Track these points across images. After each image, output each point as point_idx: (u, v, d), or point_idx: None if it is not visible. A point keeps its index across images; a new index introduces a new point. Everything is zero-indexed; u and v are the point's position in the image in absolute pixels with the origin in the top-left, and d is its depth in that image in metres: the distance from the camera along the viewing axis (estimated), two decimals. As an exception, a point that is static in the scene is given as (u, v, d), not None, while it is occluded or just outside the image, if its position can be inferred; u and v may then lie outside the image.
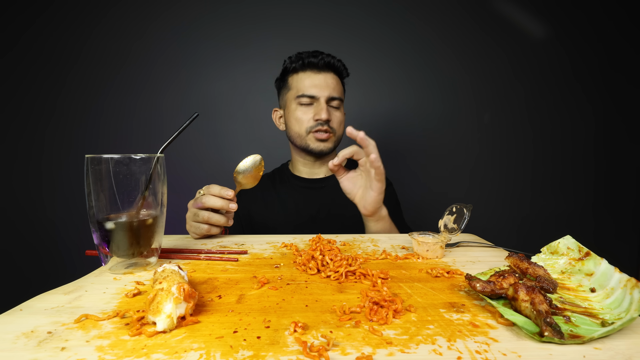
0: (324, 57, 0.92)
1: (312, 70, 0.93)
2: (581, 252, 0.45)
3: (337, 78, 0.96)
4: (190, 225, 0.68)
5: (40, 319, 0.32)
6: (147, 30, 1.42)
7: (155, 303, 0.31)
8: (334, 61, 0.94)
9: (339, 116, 0.96)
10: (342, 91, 0.98)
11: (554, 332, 0.28)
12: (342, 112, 0.98)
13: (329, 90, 0.92)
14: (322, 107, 0.91)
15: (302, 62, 0.93)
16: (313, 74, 0.93)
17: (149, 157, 0.46)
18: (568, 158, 1.54)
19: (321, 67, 0.93)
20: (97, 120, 1.44)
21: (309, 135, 0.94)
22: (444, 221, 0.59)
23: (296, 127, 0.95)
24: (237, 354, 0.27)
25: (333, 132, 0.96)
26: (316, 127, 0.93)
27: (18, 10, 1.39)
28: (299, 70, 0.94)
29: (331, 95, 0.93)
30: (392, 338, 0.29)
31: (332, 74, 0.94)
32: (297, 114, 0.94)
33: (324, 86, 0.92)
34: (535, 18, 1.46)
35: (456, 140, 1.52)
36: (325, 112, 0.91)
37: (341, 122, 0.97)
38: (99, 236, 0.44)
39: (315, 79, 0.92)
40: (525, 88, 1.50)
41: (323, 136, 0.93)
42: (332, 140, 0.97)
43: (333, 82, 0.94)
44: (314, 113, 0.93)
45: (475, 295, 0.39)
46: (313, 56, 0.92)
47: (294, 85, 0.95)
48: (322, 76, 0.93)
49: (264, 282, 0.42)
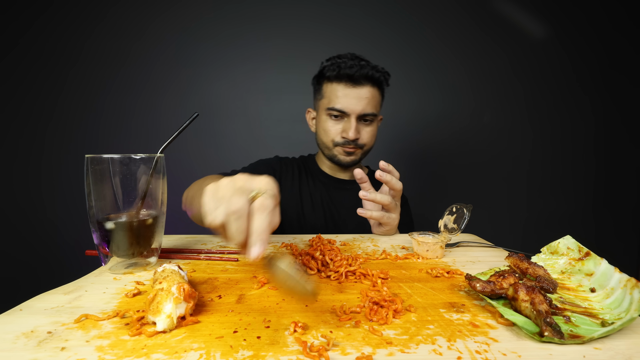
0: (361, 67, 0.84)
1: (347, 82, 0.85)
2: (581, 252, 0.45)
3: (376, 90, 0.88)
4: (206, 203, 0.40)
5: (40, 319, 0.32)
6: (147, 30, 1.42)
7: (155, 303, 0.31)
8: (372, 73, 0.85)
9: (370, 131, 0.91)
10: (378, 104, 0.91)
11: (554, 332, 0.28)
12: (376, 125, 0.92)
13: (362, 107, 0.85)
14: (352, 125, 0.86)
15: (337, 72, 0.86)
16: (347, 87, 0.85)
17: (149, 157, 0.46)
18: (568, 158, 1.54)
19: (357, 79, 0.85)
20: (97, 120, 1.44)
21: (336, 148, 0.91)
22: (444, 221, 0.59)
23: (324, 138, 0.92)
24: (237, 354, 0.27)
25: (361, 147, 0.92)
26: (343, 143, 0.89)
27: (18, 11, 1.39)
28: (334, 79, 0.87)
29: (364, 112, 0.86)
30: (392, 338, 0.29)
31: (370, 86, 0.86)
32: (326, 126, 0.90)
33: (357, 102, 0.85)
34: (535, 18, 1.46)
35: (456, 140, 1.52)
36: (354, 130, 0.86)
37: (372, 135, 0.92)
38: (99, 236, 0.44)
39: (349, 93, 0.85)
40: (525, 88, 1.50)
41: (350, 150, 0.91)
42: (358, 154, 0.93)
43: (369, 96, 0.86)
44: (343, 129, 0.88)
45: (475, 295, 0.39)
46: (350, 67, 0.84)
47: (326, 94, 0.89)
48: (357, 90, 0.85)
49: (264, 282, 0.42)
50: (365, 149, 0.93)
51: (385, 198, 0.66)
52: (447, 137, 1.51)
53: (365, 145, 0.92)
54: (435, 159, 1.52)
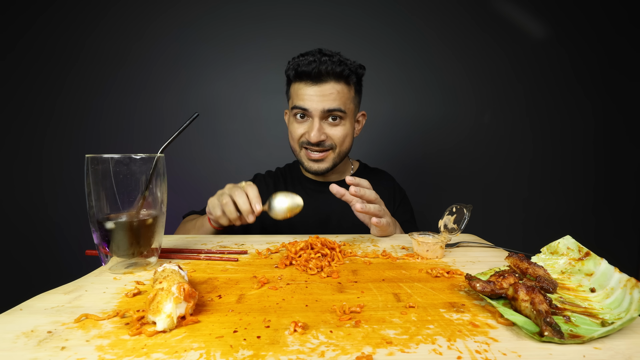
0: (321, 63, 0.78)
1: (307, 80, 0.80)
2: (581, 252, 0.45)
3: (342, 85, 0.82)
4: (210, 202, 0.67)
5: (40, 319, 0.32)
6: (147, 30, 1.42)
7: (155, 303, 0.31)
8: (333, 67, 0.78)
9: (340, 130, 0.84)
10: (348, 100, 0.84)
11: (554, 332, 0.28)
12: (348, 124, 0.86)
13: (325, 103, 0.80)
14: (314, 125, 0.81)
15: (295, 71, 0.81)
16: (308, 85, 0.80)
17: (149, 157, 0.46)
18: (568, 158, 1.54)
19: (316, 76, 0.79)
20: (97, 120, 1.44)
21: (302, 152, 0.87)
22: (444, 221, 0.59)
23: (291, 141, 0.88)
24: (237, 353, 0.27)
25: (332, 148, 0.85)
26: (307, 145, 0.84)
27: (18, 11, 1.39)
28: (294, 79, 0.83)
29: (327, 108, 0.80)
30: (392, 338, 0.29)
31: (333, 82, 0.80)
32: (292, 127, 0.86)
33: (319, 100, 0.80)
34: (535, 18, 1.46)
35: (456, 140, 1.52)
36: (317, 131, 0.80)
37: (344, 136, 0.85)
38: (99, 236, 0.44)
39: (310, 90, 0.80)
40: (525, 88, 1.50)
41: (315, 156, 0.85)
42: (329, 159, 0.86)
43: (333, 92, 0.80)
44: (307, 129, 0.83)
45: (475, 295, 0.39)
46: (308, 64, 0.78)
47: (291, 94, 0.86)
48: (319, 87, 0.80)
49: (264, 282, 0.42)
50: (337, 150, 0.86)
51: (374, 207, 0.65)
52: (447, 137, 1.51)
53: (336, 147, 0.85)
54: (435, 159, 1.52)
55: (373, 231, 0.72)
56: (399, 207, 0.97)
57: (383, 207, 0.69)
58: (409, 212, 0.99)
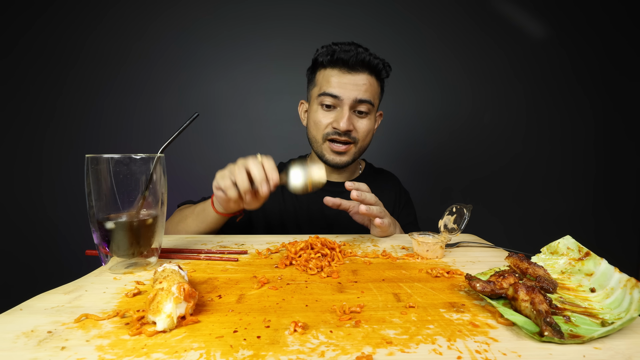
0: (358, 53, 0.78)
1: (342, 67, 0.79)
2: (581, 252, 0.45)
3: (373, 79, 0.82)
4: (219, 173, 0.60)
5: (40, 319, 0.32)
6: (147, 30, 1.42)
7: (155, 303, 0.31)
8: (370, 58, 0.79)
9: (366, 124, 0.83)
10: (376, 94, 0.84)
11: (554, 332, 0.28)
12: (373, 118, 0.85)
13: (357, 92, 0.79)
14: (344, 113, 0.79)
15: (331, 57, 0.79)
16: (342, 73, 0.79)
17: (149, 157, 0.46)
18: (568, 158, 1.54)
19: (353, 64, 0.78)
20: (97, 120, 1.44)
21: (325, 144, 0.84)
22: (444, 221, 0.59)
23: (314, 131, 0.85)
24: (237, 353, 0.27)
25: (354, 142, 0.83)
26: (333, 135, 0.82)
27: (18, 11, 1.39)
28: (327, 65, 0.81)
29: (359, 97, 0.79)
30: (392, 338, 0.29)
31: (367, 74, 0.80)
32: (317, 116, 0.83)
33: (352, 88, 0.78)
34: (535, 18, 1.46)
35: (456, 140, 1.52)
36: (347, 120, 0.79)
37: (368, 131, 0.84)
38: (99, 236, 0.44)
39: (343, 78, 0.79)
40: (525, 88, 1.50)
41: (340, 148, 0.82)
42: (351, 153, 0.85)
43: (365, 83, 0.80)
44: (335, 119, 0.81)
45: (475, 295, 0.39)
46: (345, 51, 0.78)
47: (319, 81, 0.83)
48: (353, 77, 0.79)
49: (264, 282, 0.42)
50: (359, 145, 0.85)
51: (377, 209, 0.65)
52: (447, 137, 1.51)
53: (359, 141, 0.84)
54: (435, 159, 1.52)
55: (374, 232, 0.71)
56: (403, 210, 0.97)
57: (383, 209, 0.69)
58: (412, 214, 0.98)
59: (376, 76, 0.83)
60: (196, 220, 0.72)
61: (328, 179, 0.91)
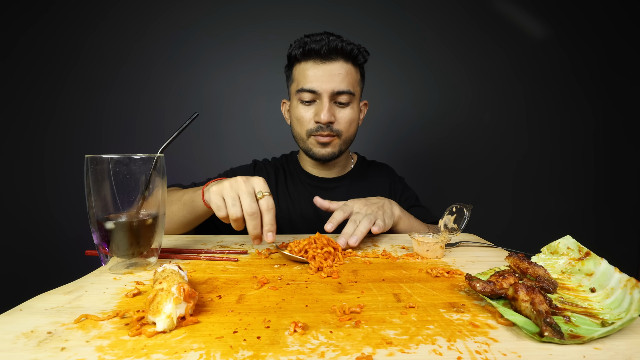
0: (330, 42, 0.76)
1: (315, 58, 0.78)
2: (581, 252, 0.45)
3: (350, 66, 0.80)
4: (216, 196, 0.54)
5: (40, 319, 0.32)
6: (146, 30, 1.42)
7: (155, 303, 0.31)
8: (343, 45, 0.76)
9: (348, 114, 0.81)
10: (355, 82, 0.82)
11: (554, 332, 0.28)
12: (355, 108, 0.83)
13: (334, 83, 0.77)
14: (324, 105, 0.78)
15: (302, 50, 0.78)
16: (316, 64, 0.78)
17: (149, 157, 0.46)
18: (568, 158, 1.54)
19: (325, 54, 0.77)
20: (97, 120, 1.44)
21: (310, 139, 0.83)
22: (444, 221, 0.59)
23: (297, 128, 0.84)
24: (237, 354, 0.27)
25: (338, 134, 0.82)
26: (317, 132, 0.80)
27: (18, 11, 1.39)
28: (301, 59, 0.80)
29: (337, 89, 0.77)
30: (392, 338, 0.29)
31: (342, 61, 0.78)
32: (298, 112, 0.82)
33: (329, 79, 0.77)
34: (535, 18, 1.46)
35: (456, 140, 1.52)
36: (327, 112, 0.78)
37: (352, 120, 0.82)
38: (99, 236, 0.44)
39: (317, 70, 0.77)
40: (525, 88, 1.50)
41: (324, 139, 0.82)
42: (336, 144, 0.83)
43: (342, 72, 0.78)
44: (315, 112, 0.80)
45: (475, 295, 0.39)
46: (316, 41, 0.76)
47: (296, 76, 0.82)
48: (328, 66, 0.77)
49: (264, 282, 0.42)
50: (343, 137, 0.83)
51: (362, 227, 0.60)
52: (447, 137, 1.51)
53: (342, 133, 0.82)
54: (435, 159, 1.52)
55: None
56: (401, 196, 0.96)
57: (367, 211, 0.64)
58: (412, 197, 0.97)
59: (353, 62, 0.80)
60: (183, 210, 0.68)
61: (318, 175, 0.92)
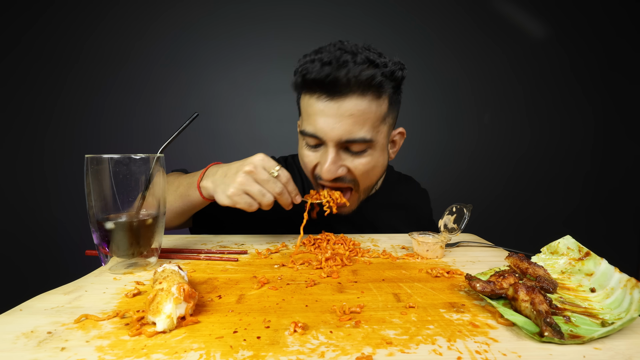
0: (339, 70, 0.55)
1: (321, 93, 0.58)
2: (581, 252, 0.45)
3: (368, 101, 0.58)
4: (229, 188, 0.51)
5: (40, 319, 0.32)
6: (147, 30, 1.42)
7: (155, 303, 0.31)
8: (355, 73, 0.55)
9: (364, 163, 0.61)
10: (377, 120, 0.60)
11: (554, 332, 0.28)
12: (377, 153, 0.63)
13: (343, 130, 0.57)
14: (328, 155, 0.59)
15: (302, 79, 0.59)
16: (322, 101, 0.58)
17: (149, 157, 0.46)
18: (568, 158, 1.54)
19: (331, 86, 0.56)
20: (97, 120, 1.44)
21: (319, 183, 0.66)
22: (444, 221, 0.59)
23: (303, 168, 0.69)
24: (237, 354, 0.27)
25: (354, 184, 0.64)
26: (322, 181, 0.63)
27: (18, 11, 1.39)
28: (305, 90, 0.61)
29: (345, 138, 0.58)
30: (392, 338, 0.29)
31: (357, 96, 0.57)
32: (302, 153, 0.66)
33: (336, 123, 0.57)
34: (535, 18, 1.46)
35: (456, 140, 1.52)
36: (331, 164, 0.59)
37: (371, 168, 0.63)
38: (99, 236, 0.44)
39: (325, 109, 0.57)
40: (525, 88, 1.50)
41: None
42: (354, 200, 0.67)
43: (354, 112, 0.57)
44: (320, 159, 0.62)
45: (475, 295, 0.39)
46: (320, 70, 0.56)
47: (301, 108, 0.66)
48: (337, 104, 0.57)
49: (264, 282, 0.42)
50: (362, 187, 0.65)
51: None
52: (447, 137, 1.51)
53: (360, 183, 0.64)
54: (435, 159, 1.52)
55: None
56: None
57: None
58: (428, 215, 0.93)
59: (374, 94, 0.58)
60: (178, 201, 0.63)
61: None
